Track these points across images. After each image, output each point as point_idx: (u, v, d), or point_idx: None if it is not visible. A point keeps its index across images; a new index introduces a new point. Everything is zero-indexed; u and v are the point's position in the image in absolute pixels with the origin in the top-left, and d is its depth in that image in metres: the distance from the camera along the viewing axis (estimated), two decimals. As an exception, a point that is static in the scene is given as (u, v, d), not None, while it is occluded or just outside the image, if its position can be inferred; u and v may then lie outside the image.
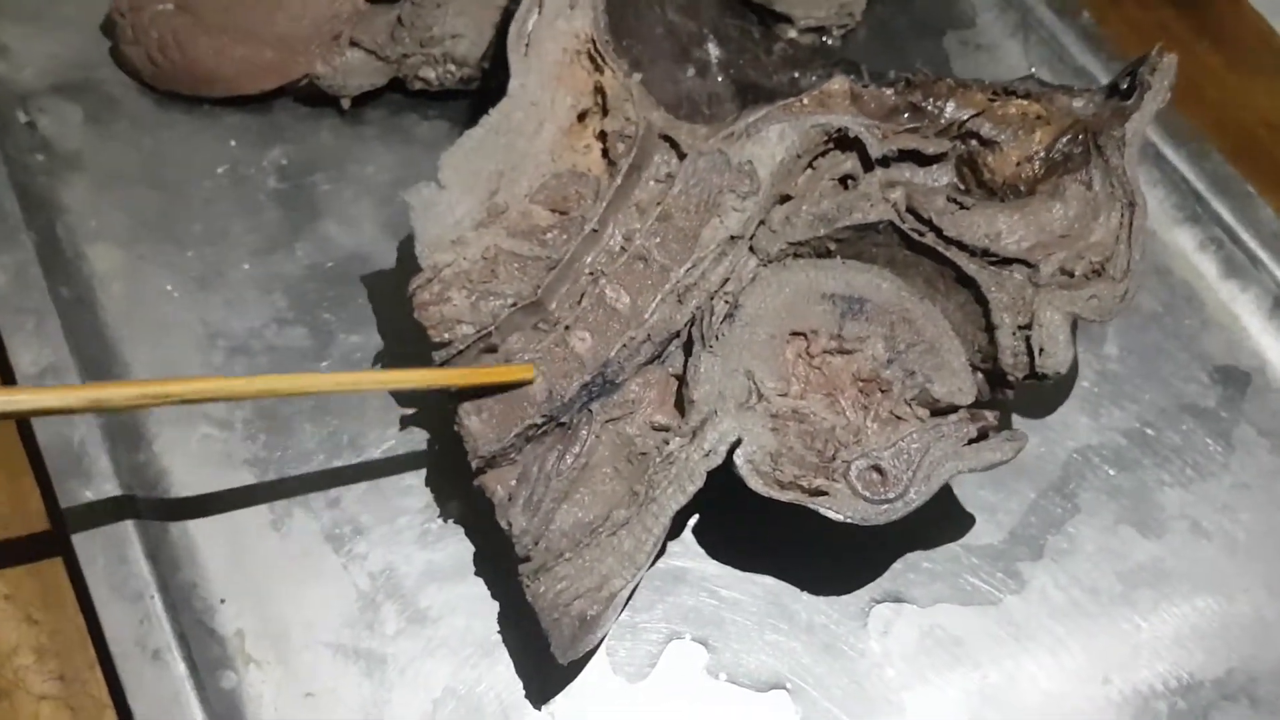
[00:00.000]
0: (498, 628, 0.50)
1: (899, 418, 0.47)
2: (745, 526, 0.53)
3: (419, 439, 0.55)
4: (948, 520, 0.55)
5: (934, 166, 0.51)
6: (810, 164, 0.52)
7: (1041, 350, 0.47)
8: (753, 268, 0.50)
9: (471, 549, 0.52)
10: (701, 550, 0.53)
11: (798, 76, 0.64)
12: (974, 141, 0.53)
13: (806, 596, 0.52)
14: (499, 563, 0.51)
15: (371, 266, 0.60)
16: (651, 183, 0.51)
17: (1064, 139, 0.51)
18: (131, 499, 0.50)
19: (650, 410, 0.48)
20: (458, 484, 0.53)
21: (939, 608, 0.53)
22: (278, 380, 0.45)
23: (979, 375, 0.49)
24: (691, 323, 0.49)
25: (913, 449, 0.46)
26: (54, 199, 0.60)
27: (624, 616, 0.51)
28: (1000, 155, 0.52)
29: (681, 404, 0.48)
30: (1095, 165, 0.50)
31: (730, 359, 0.48)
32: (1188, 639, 0.53)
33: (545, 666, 0.49)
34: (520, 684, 0.49)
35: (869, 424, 0.47)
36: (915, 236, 0.49)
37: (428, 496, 0.53)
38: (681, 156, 0.51)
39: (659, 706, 0.49)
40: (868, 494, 0.45)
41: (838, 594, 0.53)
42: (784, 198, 0.52)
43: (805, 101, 0.51)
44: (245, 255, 0.59)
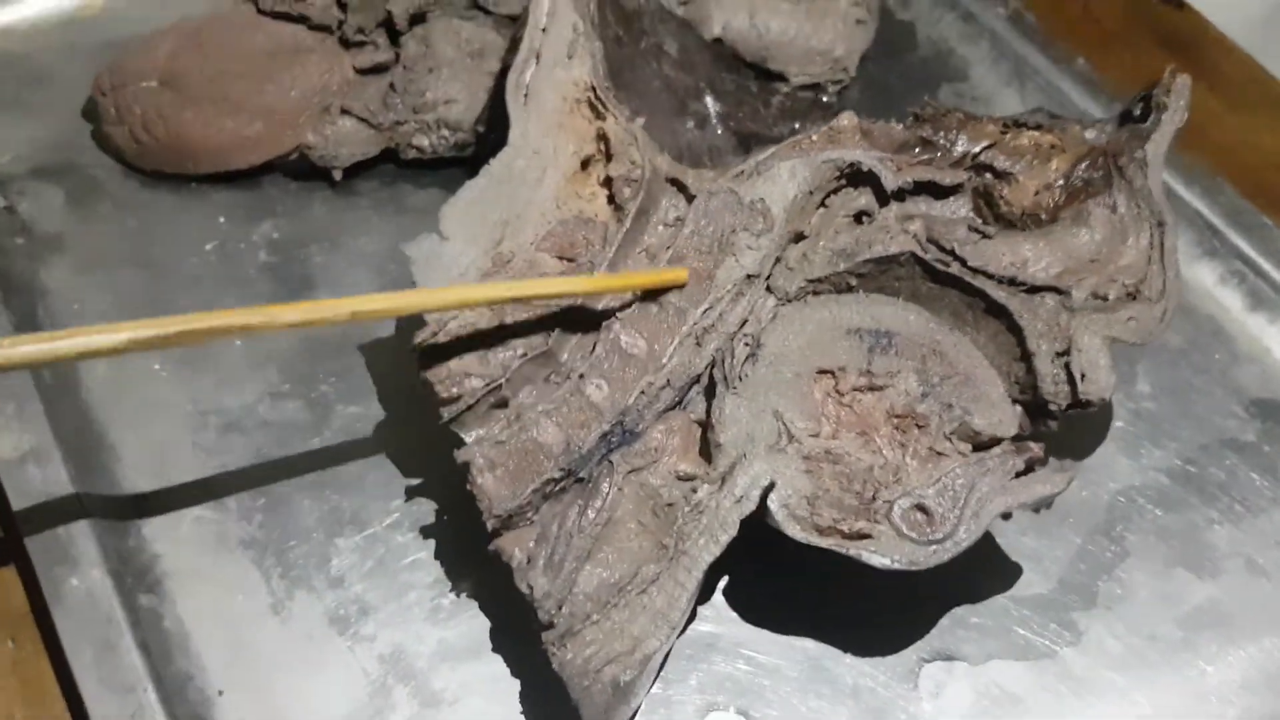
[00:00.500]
0: (520, 708, 0.47)
1: (940, 453, 0.44)
2: (778, 587, 0.50)
3: (426, 511, 0.52)
4: (993, 571, 0.52)
5: (950, 199, 0.50)
6: (823, 202, 0.50)
7: (1083, 376, 0.44)
8: (771, 307, 0.48)
9: (487, 624, 0.49)
10: (734, 614, 0.50)
11: (798, 127, 0.63)
12: (988, 175, 0.51)
13: (850, 659, 0.49)
14: (518, 638, 0.47)
15: (369, 336, 0.57)
16: (660, 227, 0.49)
17: (1083, 165, 0.50)
18: (122, 585, 0.47)
19: (674, 459, 0.45)
20: (469, 556, 0.50)
21: (993, 664, 0.49)
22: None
23: (1018, 408, 0.46)
24: (712, 366, 0.47)
25: (958, 485, 0.43)
26: (35, 282, 0.58)
27: (655, 690, 0.47)
28: (1016, 186, 0.50)
29: (707, 451, 0.45)
30: (1118, 188, 0.48)
31: (756, 400, 0.45)
32: (1256, 683, 0.50)
33: (574, 746, 0.45)
34: (547, 767, 0.45)
35: (908, 461, 0.44)
36: (940, 267, 0.47)
37: (438, 571, 0.50)
38: (689, 200, 0.50)
39: (700, 785, 0.45)
40: (914, 535, 0.42)
41: (883, 654, 0.49)
42: (798, 236, 0.50)
43: (814, 138, 0.49)
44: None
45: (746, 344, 0.47)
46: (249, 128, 0.61)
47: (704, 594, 0.50)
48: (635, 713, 0.46)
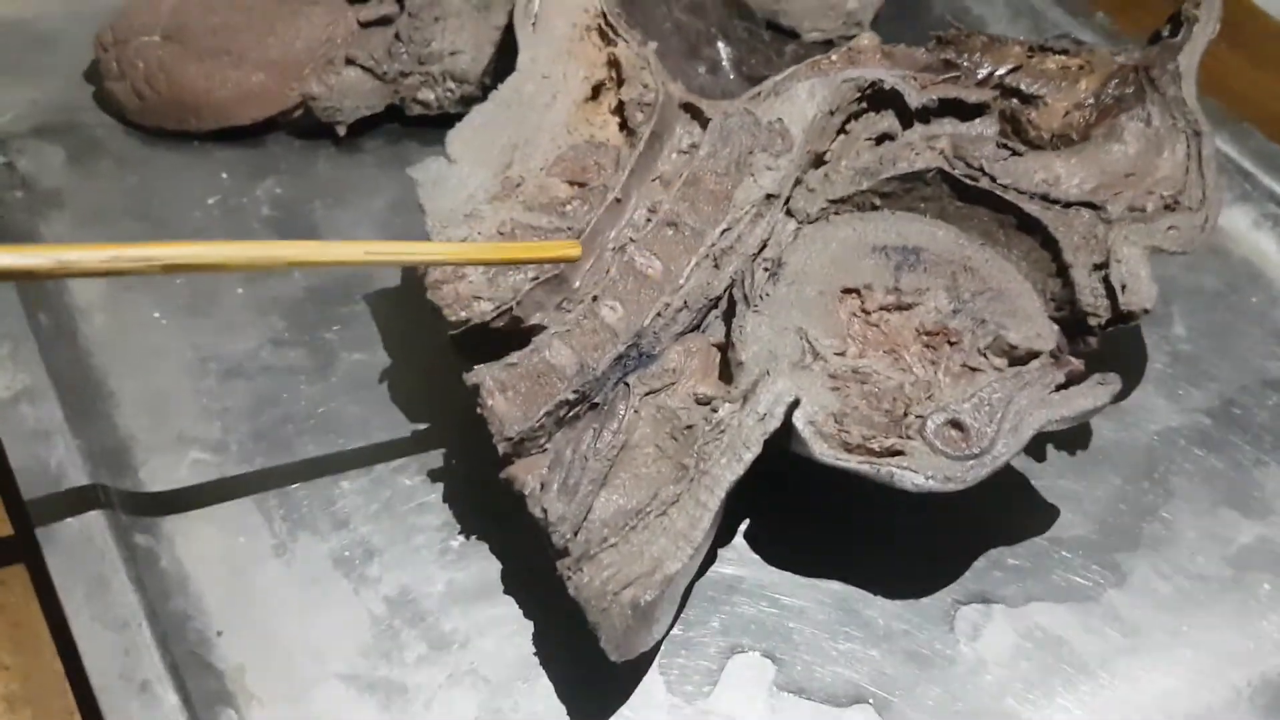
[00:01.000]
0: (534, 649, 0.44)
1: (974, 369, 0.42)
2: (803, 530, 0.48)
3: (434, 455, 0.50)
4: (1029, 512, 0.50)
5: (976, 121, 0.48)
6: (843, 128, 0.48)
7: (1124, 287, 0.42)
8: (792, 230, 0.46)
9: (499, 567, 0.47)
10: (756, 557, 0.48)
11: (815, 75, 0.61)
12: (1014, 100, 0.49)
13: (880, 601, 0.47)
14: (532, 580, 0.45)
15: (374, 286, 0.56)
16: (675, 155, 0.48)
17: (1113, 82, 0.48)
18: (116, 524, 0.45)
19: (693, 381, 0.43)
20: (480, 500, 0.48)
21: (1033, 606, 0.47)
22: (285, 247, 0.40)
23: (1055, 326, 0.44)
24: (730, 288, 0.45)
25: (994, 399, 0.41)
26: (33, 235, 0.57)
27: (675, 632, 0.45)
28: (1044, 110, 0.49)
29: (728, 374, 0.44)
30: (1152, 100, 0.46)
31: (778, 318, 0.43)
32: (1314, 621, 0.47)
33: (591, 687, 0.44)
34: (564, 709, 0.43)
35: (940, 378, 0.42)
36: (969, 182, 0.45)
37: (446, 514, 0.48)
38: (704, 127, 0.48)
39: (725, 727, 0.43)
40: (948, 450, 0.40)
41: (915, 597, 0.47)
42: (818, 161, 0.48)
43: (833, 59, 0.48)
44: (238, 280, 0.56)
45: (767, 268, 0.45)
46: (252, 80, 0.60)
47: (725, 536, 0.48)
48: (658, 644, 0.43)
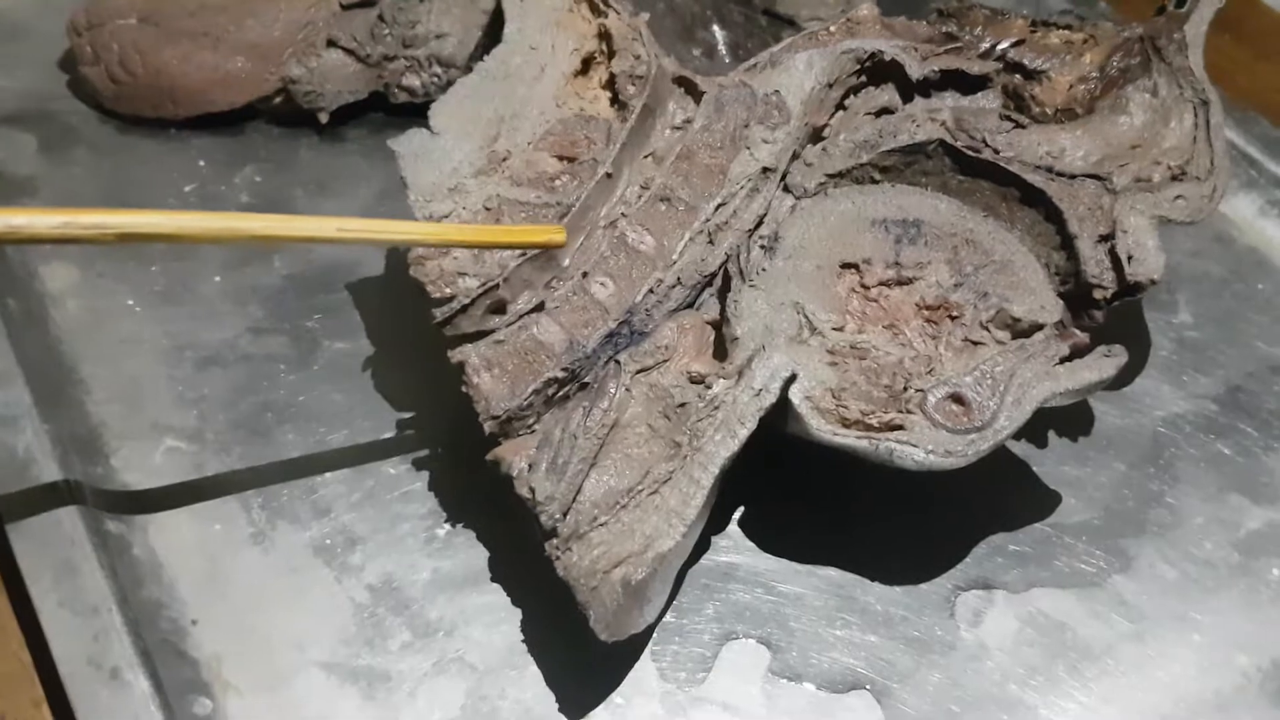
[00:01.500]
0: (522, 637, 0.44)
1: (976, 343, 0.42)
2: (799, 517, 0.48)
3: (418, 442, 0.49)
4: (1030, 498, 0.49)
5: (978, 94, 0.48)
6: (842, 102, 0.48)
7: (1130, 258, 0.42)
8: (789, 204, 0.46)
9: (486, 555, 0.46)
10: (751, 544, 0.47)
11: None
12: (1017, 76, 0.49)
13: (878, 587, 0.46)
14: (519, 568, 0.45)
15: (358, 275, 0.55)
16: (667, 131, 0.48)
17: (1118, 55, 0.48)
18: (87, 511, 0.44)
19: (686, 359, 0.43)
20: (466, 489, 0.48)
21: (1035, 592, 0.47)
22: (249, 220, 0.38)
23: (1059, 300, 0.44)
24: (725, 264, 0.44)
25: (997, 372, 0.41)
26: (3, 221, 0.56)
27: (668, 619, 0.45)
28: (1048, 85, 0.49)
29: (722, 352, 0.43)
30: (1158, 71, 0.46)
31: (775, 292, 0.43)
32: (1324, 606, 0.47)
33: (582, 675, 0.43)
34: (553, 696, 0.42)
35: (942, 352, 0.42)
36: (971, 154, 0.45)
37: (431, 502, 0.48)
38: (698, 101, 0.48)
39: (719, 715, 0.43)
40: (949, 425, 0.40)
41: (914, 583, 0.47)
42: (816, 137, 0.48)
43: (832, 30, 0.48)
44: (216, 269, 0.55)
45: (763, 245, 0.45)
46: (231, 64, 0.60)
47: (720, 523, 0.47)
48: (650, 630, 0.43)
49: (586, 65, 0.49)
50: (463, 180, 0.45)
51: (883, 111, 0.48)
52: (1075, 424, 0.51)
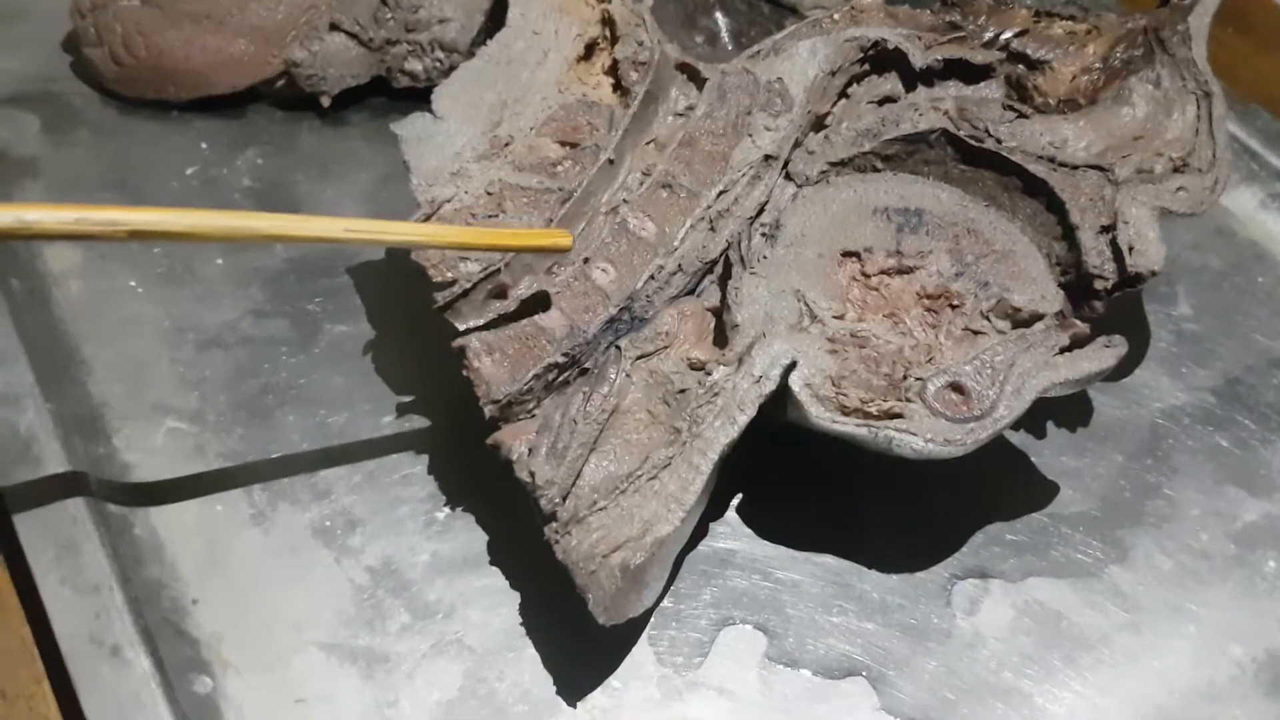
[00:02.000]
0: (520, 620, 0.44)
1: (976, 332, 0.42)
2: (797, 505, 0.48)
3: (418, 426, 0.50)
4: (1028, 488, 0.50)
5: (982, 84, 0.48)
6: (845, 91, 0.49)
7: (1131, 249, 0.43)
8: (791, 192, 0.46)
9: (485, 538, 0.47)
10: (749, 531, 0.48)
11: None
12: (1020, 66, 0.50)
13: (875, 575, 0.47)
14: (519, 552, 0.45)
15: (359, 258, 0.56)
16: (670, 118, 0.48)
17: (1121, 46, 0.48)
18: (88, 490, 0.45)
19: (687, 346, 0.43)
20: (466, 473, 0.48)
21: (1032, 581, 0.47)
22: (260, 219, 0.38)
23: (1060, 291, 0.44)
24: (727, 251, 0.45)
25: (997, 361, 0.41)
26: (6, 202, 0.56)
27: (665, 604, 0.45)
28: (1051, 75, 0.49)
29: (722, 339, 0.44)
30: (1161, 62, 0.47)
31: (776, 280, 0.43)
32: (1319, 599, 0.47)
33: (579, 659, 0.43)
34: (550, 679, 0.43)
35: (942, 341, 0.42)
36: (974, 144, 0.45)
37: (431, 486, 0.48)
38: (700, 88, 0.48)
39: (715, 700, 0.43)
40: (948, 413, 0.40)
41: (911, 571, 0.47)
42: (819, 125, 0.48)
43: (835, 17, 0.48)
44: (218, 251, 0.56)
45: (764, 233, 0.45)
46: (233, 46, 0.60)
47: (718, 510, 0.48)
48: (647, 615, 0.43)
49: (589, 51, 0.49)
50: (465, 165, 0.46)
51: (885, 100, 0.48)
52: (1074, 415, 0.52)
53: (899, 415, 0.41)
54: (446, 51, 0.61)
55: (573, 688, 0.43)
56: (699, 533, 0.47)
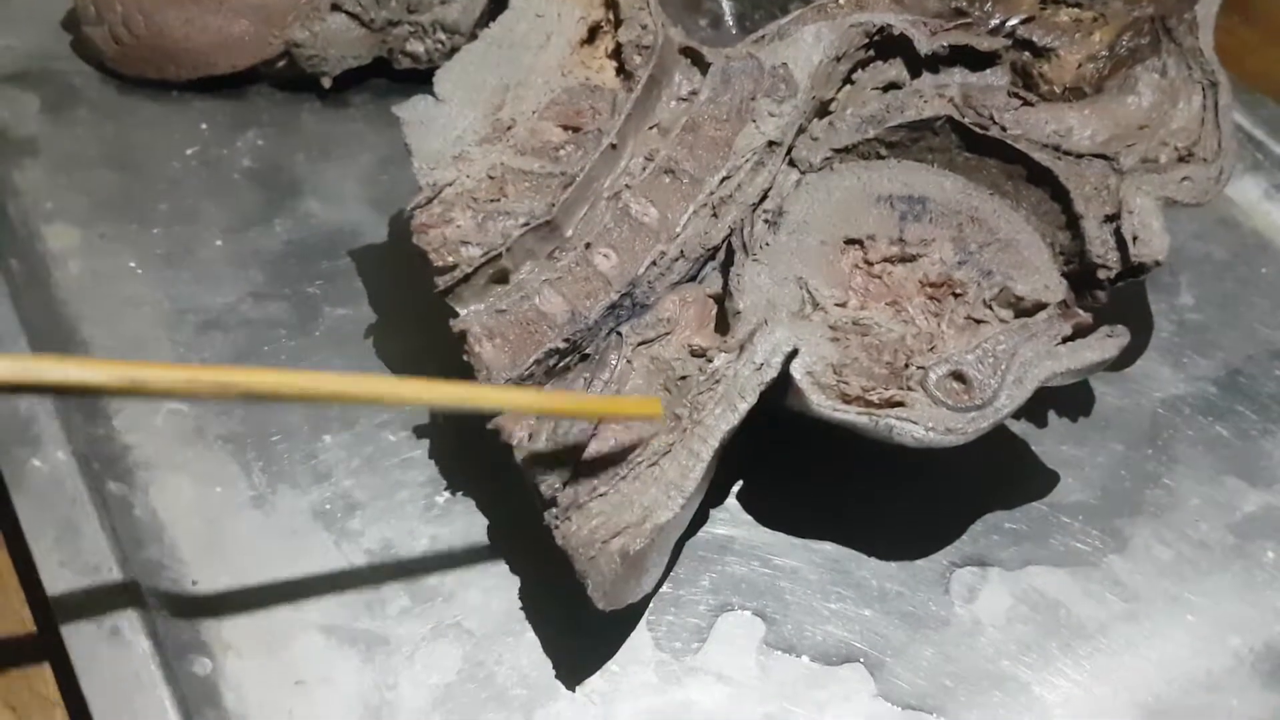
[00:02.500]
0: (520, 604, 0.45)
1: (979, 321, 0.42)
2: (796, 492, 0.49)
3: (420, 412, 0.50)
4: (1028, 477, 0.50)
5: (987, 71, 0.48)
6: (849, 77, 0.49)
7: (1135, 239, 0.43)
8: (794, 179, 0.46)
9: (485, 523, 0.47)
10: (749, 518, 0.48)
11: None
12: (1026, 53, 0.50)
13: (873, 562, 0.47)
14: (519, 536, 0.46)
15: (360, 241, 0.56)
16: (673, 103, 0.48)
17: (1127, 34, 0.48)
18: (88, 471, 0.45)
19: (688, 332, 0.44)
20: (466, 458, 0.48)
21: (1030, 570, 0.47)
22: (363, 383, 0.36)
23: (1063, 280, 0.44)
24: (729, 238, 0.45)
25: (999, 351, 0.41)
26: (5, 181, 0.57)
27: (664, 589, 0.45)
28: (1056, 63, 0.49)
29: (724, 326, 0.44)
30: (1168, 51, 0.47)
31: (778, 267, 0.43)
32: (1317, 589, 0.47)
33: (578, 643, 0.44)
34: (549, 663, 0.43)
35: (944, 329, 0.42)
36: (979, 131, 0.45)
37: (431, 470, 0.48)
38: (704, 74, 0.48)
39: (712, 685, 0.43)
40: (950, 402, 0.40)
41: (909, 559, 0.47)
42: (823, 111, 0.48)
43: (841, 2, 0.48)
44: (217, 233, 0.56)
45: (767, 220, 0.45)
46: (234, 26, 0.60)
47: (718, 497, 0.48)
48: (646, 600, 0.44)
49: (593, 34, 0.49)
50: (467, 148, 0.46)
51: (890, 86, 0.48)
52: (1075, 404, 0.52)
53: (900, 404, 0.41)
54: (448, 33, 0.61)
55: (571, 672, 0.43)
56: (699, 519, 0.47)
